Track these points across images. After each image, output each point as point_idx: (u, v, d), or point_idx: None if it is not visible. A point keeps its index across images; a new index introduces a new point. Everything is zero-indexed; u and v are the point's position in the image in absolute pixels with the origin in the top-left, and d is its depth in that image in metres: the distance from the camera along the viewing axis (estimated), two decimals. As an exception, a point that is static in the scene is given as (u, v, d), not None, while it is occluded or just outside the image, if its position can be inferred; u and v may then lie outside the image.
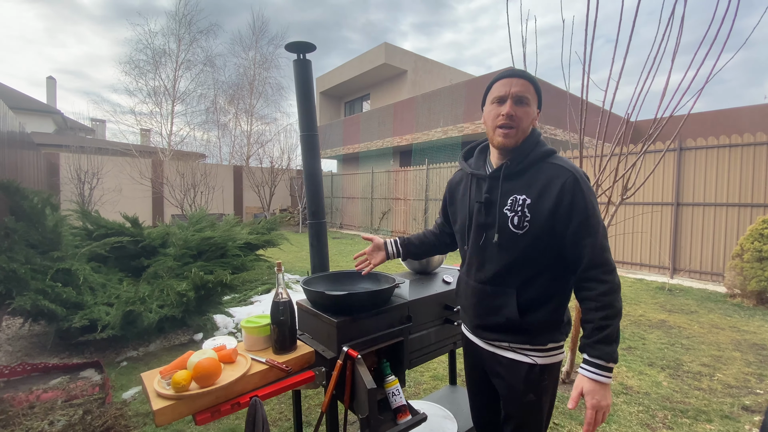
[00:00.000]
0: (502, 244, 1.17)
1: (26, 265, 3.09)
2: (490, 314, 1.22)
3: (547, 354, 1.17)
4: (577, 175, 1.11)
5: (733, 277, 4.92)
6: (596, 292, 1.06)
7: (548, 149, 1.18)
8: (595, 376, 1.03)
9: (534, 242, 1.13)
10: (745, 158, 5.64)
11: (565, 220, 1.09)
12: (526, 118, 1.14)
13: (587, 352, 1.06)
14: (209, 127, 19.16)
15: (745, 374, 2.90)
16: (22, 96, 19.20)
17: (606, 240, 1.09)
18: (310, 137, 1.77)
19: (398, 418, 1.34)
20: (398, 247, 1.53)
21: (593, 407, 1.04)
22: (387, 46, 15.01)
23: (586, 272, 1.08)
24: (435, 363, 3.03)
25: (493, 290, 1.21)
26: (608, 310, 1.04)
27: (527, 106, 1.13)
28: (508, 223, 1.15)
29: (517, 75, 1.14)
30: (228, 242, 4.69)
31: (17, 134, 5.96)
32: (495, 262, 1.19)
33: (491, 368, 1.27)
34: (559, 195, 1.09)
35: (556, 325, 1.17)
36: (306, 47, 1.69)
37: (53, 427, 2.15)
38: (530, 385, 1.17)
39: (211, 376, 1.10)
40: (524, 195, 1.13)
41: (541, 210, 1.10)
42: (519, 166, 1.16)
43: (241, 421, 2.24)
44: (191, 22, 17.66)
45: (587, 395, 1.04)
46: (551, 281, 1.16)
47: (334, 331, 1.33)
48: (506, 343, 1.20)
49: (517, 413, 1.20)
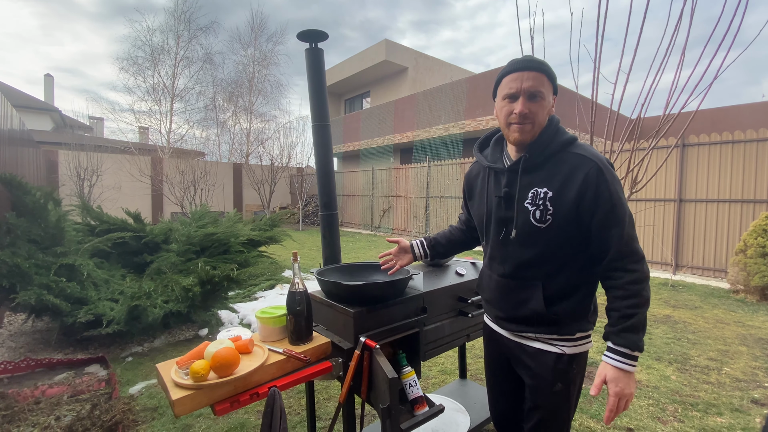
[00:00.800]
0: (523, 239, 1.15)
1: (30, 260, 3.06)
2: (516, 308, 1.20)
3: (574, 343, 1.16)
4: (601, 164, 1.06)
5: (737, 272, 4.92)
6: (623, 280, 1.04)
7: (569, 137, 1.13)
8: (619, 364, 1.02)
9: (558, 235, 1.10)
10: (747, 154, 5.63)
11: (590, 211, 1.06)
12: (542, 112, 1.09)
13: (612, 339, 1.04)
14: (208, 124, 19.10)
15: (753, 368, 2.89)
16: (20, 94, 19.07)
17: (632, 229, 1.07)
18: (322, 128, 1.75)
19: (415, 410, 1.33)
20: (425, 249, 1.51)
21: (616, 395, 1.02)
22: (388, 43, 14.97)
23: (613, 262, 1.06)
24: (443, 358, 3.02)
25: (518, 284, 1.19)
26: (636, 299, 1.02)
27: (542, 99, 1.08)
28: (530, 217, 1.12)
29: (528, 67, 1.07)
30: (231, 238, 4.66)
31: (17, 132, 5.92)
32: (517, 257, 1.17)
33: (516, 358, 1.25)
34: (582, 186, 1.05)
35: (583, 315, 1.15)
36: (318, 36, 1.67)
37: (60, 422, 2.13)
38: (558, 374, 1.15)
39: (230, 366, 1.08)
40: (545, 188, 1.10)
41: (564, 202, 1.07)
42: (539, 158, 1.12)
43: (250, 415, 2.23)
44: (190, 20, 17.59)
45: (610, 382, 1.03)
46: (578, 272, 1.14)
47: (350, 322, 1.31)
48: (532, 334, 1.19)
49: (544, 403, 1.18)
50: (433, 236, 1.54)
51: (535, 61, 1.09)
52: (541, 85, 1.07)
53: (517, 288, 1.19)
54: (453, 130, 10.82)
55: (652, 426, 2.16)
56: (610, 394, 1.03)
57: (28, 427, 2.08)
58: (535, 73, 1.07)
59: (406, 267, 1.61)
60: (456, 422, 1.87)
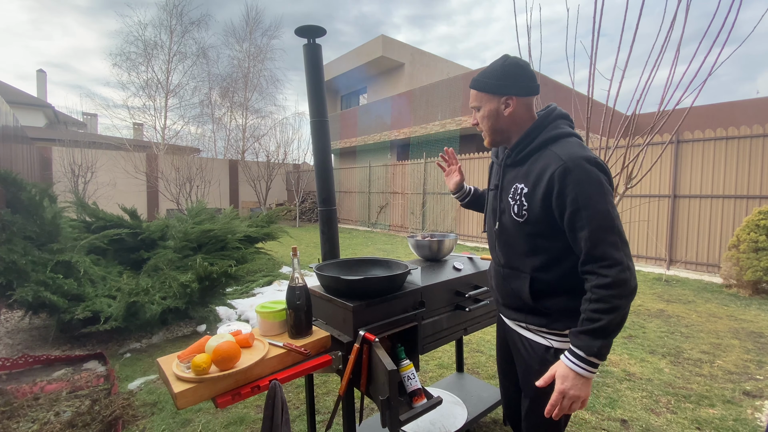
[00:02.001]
0: (508, 231, 1.22)
1: (26, 257, 3.05)
2: (509, 295, 1.26)
3: (564, 339, 1.16)
4: (571, 164, 1.03)
5: (730, 267, 4.99)
6: (591, 284, 1.02)
7: (556, 134, 1.13)
8: (571, 365, 1.01)
9: (536, 230, 1.14)
10: (741, 150, 5.69)
11: (558, 210, 1.07)
12: (483, 120, 1.22)
13: (571, 340, 1.04)
14: (204, 120, 18.97)
15: (745, 361, 2.94)
16: (13, 89, 18.86)
17: (607, 233, 1.00)
18: (320, 123, 1.75)
19: (414, 402, 1.35)
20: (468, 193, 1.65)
21: (560, 392, 1.02)
22: (384, 38, 14.91)
23: (584, 265, 1.04)
24: (440, 352, 3.05)
25: (508, 273, 1.26)
26: (601, 304, 0.98)
27: (479, 110, 1.22)
28: (510, 211, 1.19)
29: (470, 86, 1.24)
30: (228, 235, 4.66)
31: (11, 128, 5.86)
32: (507, 248, 1.25)
33: (513, 344, 1.32)
34: (547, 185, 1.07)
35: (576, 313, 1.10)
36: (316, 31, 1.67)
37: (59, 417, 2.13)
38: (545, 366, 1.14)
39: (231, 359, 1.10)
40: (523, 184, 1.16)
41: (534, 199, 1.11)
42: (520, 155, 1.19)
43: (249, 410, 2.24)
44: (182, 13, 17.41)
45: (558, 379, 1.03)
46: (571, 269, 1.12)
47: (350, 316, 1.33)
48: (524, 323, 1.24)
49: (530, 392, 1.22)
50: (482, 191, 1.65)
51: (472, 80, 1.24)
52: (474, 99, 1.22)
53: (509, 277, 1.25)
54: (450, 127, 10.82)
55: (646, 417, 2.20)
56: (555, 390, 1.03)
57: (27, 422, 2.08)
58: (472, 91, 1.23)
59: (405, 262, 1.63)
60: (453, 414, 1.90)
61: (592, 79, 2.35)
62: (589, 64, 2.29)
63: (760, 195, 5.48)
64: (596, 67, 2.47)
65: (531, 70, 1.20)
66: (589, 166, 1.03)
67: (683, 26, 2.38)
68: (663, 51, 2.40)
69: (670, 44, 2.40)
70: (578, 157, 1.04)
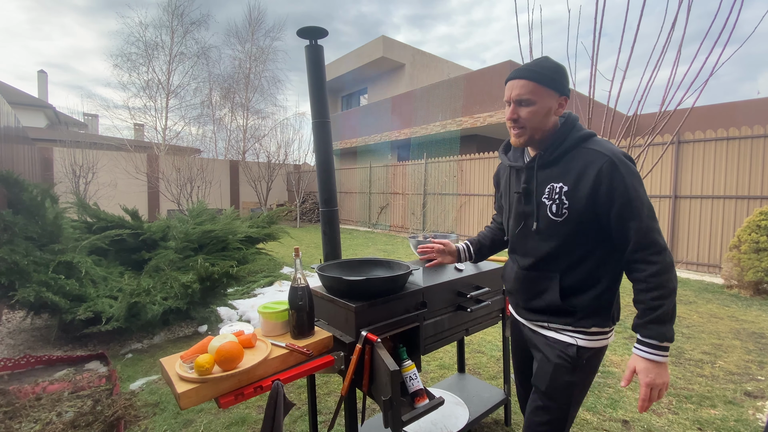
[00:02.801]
0: (541, 232, 1.20)
1: (28, 257, 3.06)
2: (533, 298, 1.26)
3: (589, 337, 1.17)
4: (615, 158, 1.09)
5: (731, 268, 4.98)
6: (646, 273, 1.06)
7: (585, 133, 1.17)
8: (648, 355, 1.04)
9: (575, 228, 1.14)
10: (742, 151, 5.68)
11: (606, 204, 1.09)
12: (534, 117, 1.15)
13: (640, 332, 1.07)
14: (204, 121, 18.99)
15: (746, 361, 2.94)
16: (14, 90, 18.90)
17: (652, 220, 1.08)
18: (322, 124, 1.76)
19: (416, 402, 1.35)
20: (470, 252, 1.60)
21: (647, 385, 1.04)
22: (385, 39, 14.93)
23: (633, 254, 1.08)
24: (441, 353, 3.05)
25: (537, 275, 1.24)
26: (659, 291, 1.04)
27: (531, 105, 1.14)
28: (547, 211, 1.18)
29: (515, 76, 1.16)
30: (229, 235, 4.67)
31: (12, 129, 5.87)
32: (536, 250, 1.23)
33: (533, 344, 1.31)
34: (596, 181, 1.09)
35: (602, 310, 1.17)
36: (318, 32, 1.67)
37: (61, 418, 2.14)
38: (564, 360, 1.17)
39: (234, 360, 1.10)
40: (561, 183, 1.15)
41: (579, 196, 1.11)
42: (554, 155, 1.17)
43: (251, 410, 2.25)
44: (183, 14, 17.44)
45: (641, 373, 1.05)
46: (598, 265, 1.16)
47: (352, 316, 1.33)
48: (545, 323, 1.24)
49: (544, 387, 1.21)
50: (476, 239, 1.61)
51: (523, 69, 1.15)
52: (528, 92, 1.13)
53: (536, 279, 1.24)
54: (450, 127, 10.83)
55: (647, 418, 2.20)
56: (642, 385, 1.05)
57: (30, 423, 2.09)
58: (523, 81, 1.14)
59: (406, 263, 1.63)
60: (455, 415, 1.90)
61: (593, 79, 2.36)
62: (591, 65, 2.29)
63: (761, 195, 5.48)
64: (597, 68, 2.47)
65: None
66: (628, 161, 1.11)
67: (684, 26, 2.38)
68: (664, 51, 2.40)
69: (671, 44, 2.40)
70: (618, 152, 1.11)
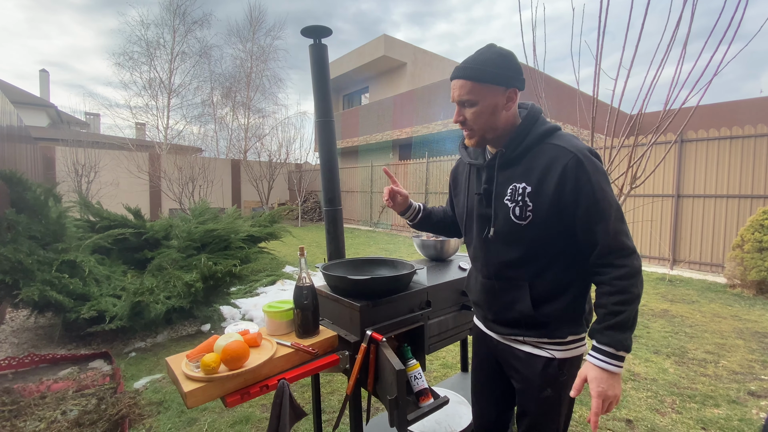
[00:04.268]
0: (505, 238, 1.10)
1: (32, 256, 3.07)
2: (503, 309, 1.15)
3: (566, 347, 1.11)
4: (581, 155, 1.00)
5: (734, 267, 4.97)
6: (610, 276, 0.99)
7: (549, 127, 1.07)
8: (602, 364, 0.97)
9: (540, 232, 1.05)
10: (745, 150, 5.66)
11: (571, 205, 1.00)
12: (478, 117, 1.05)
13: (596, 338, 0.99)
14: (206, 120, 19.01)
15: (749, 361, 2.94)
16: (16, 89, 18.94)
17: (621, 223, 1.00)
18: (326, 123, 1.76)
19: (421, 401, 1.35)
20: (416, 215, 1.47)
21: (599, 395, 0.96)
22: (386, 38, 14.90)
23: (600, 258, 1.00)
24: (444, 352, 3.05)
25: (503, 285, 1.14)
26: (623, 295, 0.97)
27: (474, 105, 1.05)
28: (510, 213, 1.07)
29: (454, 76, 1.06)
30: (231, 234, 4.68)
31: (15, 128, 5.88)
32: (501, 256, 1.12)
33: (506, 361, 1.21)
34: (560, 179, 1.00)
35: (575, 317, 1.10)
36: (322, 31, 1.67)
37: (66, 416, 2.15)
38: (548, 379, 1.11)
39: (240, 359, 1.10)
40: (524, 183, 1.05)
41: (543, 198, 1.02)
42: (516, 152, 1.07)
43: (255, 409, 2.25)
44: (185, 13, 17.44)
45: (592, 382, 0.98)
46: (565, 270, 1.09)
47: (357, 316, 1.33)
48: (521, 337, 1.14)
49: (533, 409, 1.14)
50: (430, 208, 1.49)
51: (461, 68, 1.06)
52: (467, 92, 1.04)
53: (503, 289, 1.14)
54: (452, 126, 10.81)
55: (651, 417, 2.20)
56: (593, 396, 0.97)
57: (34, 421, 2.10)
58: (461, 82, 1.05)
59: (411, 262, 1.63)
60: (459, 414, 1.90)
61: (597, 78, 2.35)
62: (595, 64, 2.28)
63: (765, 194, 5.46)
64: (601, 67, 2.46)
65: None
66: (593, 157, 1.03)
67: (689, 24, 2.37)
68: (669, 49, 2.39)
69: (675, 42, 2.39)
70: (584, 148, 1.03)
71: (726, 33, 2.35)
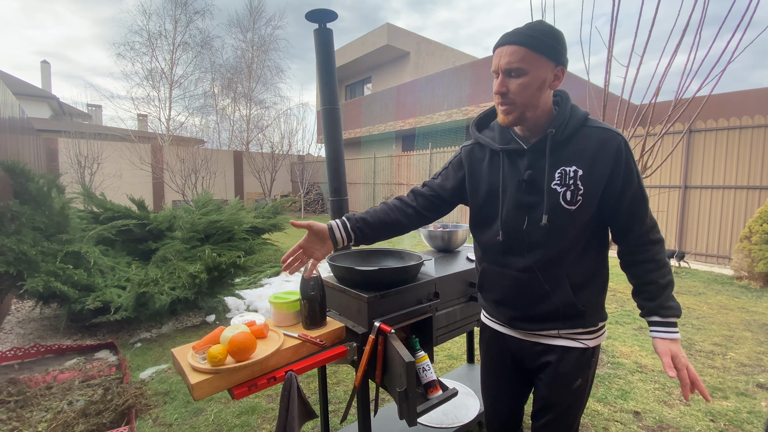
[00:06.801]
0: (553, 225, 1.03)
1: (36, 247, 3.06)
2: (539, 303, 1.09)
3: (596, 335, 1.12)
4: (624, 138, 1.04)
5: (741, 259, 4.92)
6: (653, 252, 1.05)
7: (584, 111, 1.06)
8: (674, 336, 1.01)
9: (584, 217, 1.03)
10: (754, 140, 5.57)
11: (619, 187, 1.01)
12: (525, 90, 0.98)
13: (659, 313, 1.02)
14: (208, 111, 18.90)
15: (757, 353, 2.91)
16: (18, 81, 18.87)
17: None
18: (331, 111, 1.71)
19: (429, 393, 1.33)
20: (349, 231, 1.19)
21: (684, 366, 0.98)
22: (389, 27, 14.71)
23: (640, 237, 1.05)
24: (449, 343, 3.04)
25: (542, 276, 1.07)
26: (666, 267, 1.04)
27: (523, 75, 0.97)
28: (560, 199, 1.01)
29: (504, 42, 0.98)
30: (234, 226, 4.66)
31: (18, 119, 5.86)
32: (544, 245, 1.05)
33: (532, 358, 1.15)
34: (615, 160, 1.00)
35: (602, 303, 1.14)
36: (327, 16, 1.62)
37: (72, 406, 2.15)
38: (580, 370, 1.10)
39: (247, 350, 1.08)
40: (574, 166, 1.01)
41: (595, 180, 1.00)
42: (564, 134, 1.02)
43: (260, 399, 2.25)
44: (186, 3, 17.23)
45: (675, 358, 0.98)
46: (596, 256, 1.09)
47: (365, 307, 1.31)
48: (555, 331, 1.10)
49: (561, 401, 1.12)
50: (360, 215, 1.23)
51: (513, 33, 0.97)
52: (518, 60, 0.96)
53: (541, 281, 1.07)
54: (456, 117, 10.71)
55: (659, 409, 2.18)
56: (679, 368, 0.98)
57: (41, 411, 2.10)
58: (513, 48, 0.96)
59: (418, 253, 1.60)
60: (466, 406, 1.89)
61: (609, 66, 2.29)
62: (607, 52, 2.22)
63: (774, 185, 5.39)
64: (612, 54, 2.40)
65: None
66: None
67: (703, 10, 2.30)
68: (682, 37, 2.33)
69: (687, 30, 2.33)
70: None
71: (741, 21, 2.28)
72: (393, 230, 1.25)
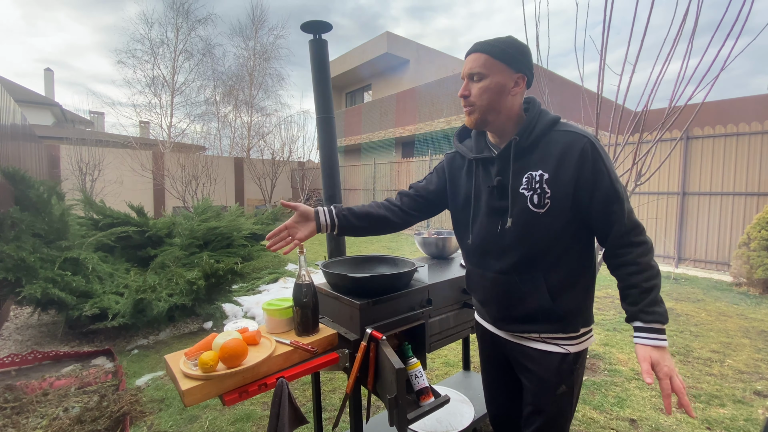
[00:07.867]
0: (522, 228, 1.08)
1: (35, 254, 3.08)
2: (518, 305, 1.13)
3: (579, 341, 1.12)
4: (592, 138, 1.04)
5: (740, 265, 4.92)
6: (634, 255, 1.01)
7: (553, 117, 1.09)
8: (658, 342, 0.97)
9: (555, 220, 1.05)
10: (752, 147, 5.59)
11: (589, 189, 1.02)
12: (484, 93, 1.05)
13: (641, 318, 0.99)
14: (209, 119, 19.03)
15: (755, 360, 2.90)
16: (21, 88, 19.05)
17: (629, 203, 1.06)
18: (326, 120, 1.74)
19: (421, 400, 1.34)
20: (334, 217, 1.26)
21: (666, 376, 0.95)
22: (389, 35, 14.86)
23: (620, 239, 1.03)
24: (446, 350, 3.04)
25: (518, 279, 1.11)
26: (650, 271, 1.00)
27: (483, 79, 1.05)
28: (527, 203, 1.06)
29: (470, 51, 1.08)
30: (233, 232, 4.68)
31: (20, 126, 5.91)
32: (517, 248, 1.10)
33: (516, 360, 1.20)
34: (579, 162, 1.01)
35: (586, 308, 1.12)
36: (322, 27, 1.65)
37: (68, 413, 2.15)
38: (563, 376, 1.11)
39: (238, 357, 1.09)
40: (540, 170, 1.05)
41: (561, 183, 1.03)
42: (529, 140, 1.07)
43: (256, 407, 2.25)
44: (188, 11, 17.44)
45: (657, 365, 0.96)
46: (577, 259, 1.10)
47: (357, 314, 1.32)
48: (536, 334, 1.13)
49: (548, 406, 1.13)
50: (347, 206, 1.30)
51: (479, 43, 1.07)
52: (480, 65, 1.05)
53: (518, 283, 1.12)
54: (455, 124, 10.77)
55: (655, 417, 2.17)
56: (661, 377, 0.95)
57: (36, 418, 2.10)
58: (476, 55, 1.06)
59: (411, 260, 1.61)
60: (461, 413, 1.89)
61: (602, 73, 2.32)
62: (599, 59, 2.25)
63: (772, 192, 5.39)
64: (605, 62, 2.43)
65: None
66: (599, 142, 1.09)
67: (696, 17, 2.33)
68: (675, 44, 2.36)
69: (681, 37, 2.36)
70: (591, 134, 1.07)
71: (733, 27, 2.30)
72: (378, 224, 1.31)
